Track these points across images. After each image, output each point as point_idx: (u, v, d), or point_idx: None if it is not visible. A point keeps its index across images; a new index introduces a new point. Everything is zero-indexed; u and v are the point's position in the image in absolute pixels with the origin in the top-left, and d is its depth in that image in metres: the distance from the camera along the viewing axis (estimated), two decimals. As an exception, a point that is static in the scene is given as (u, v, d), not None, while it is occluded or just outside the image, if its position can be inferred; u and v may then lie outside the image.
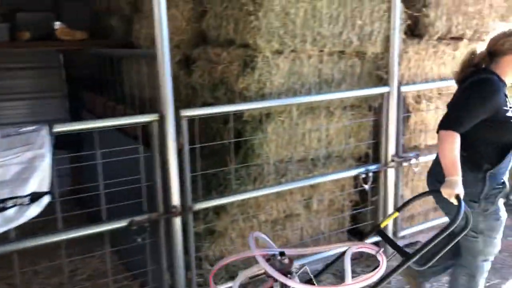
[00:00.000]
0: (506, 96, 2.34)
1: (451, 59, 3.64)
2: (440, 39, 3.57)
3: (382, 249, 2.05)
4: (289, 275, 1.88)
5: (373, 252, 2.07)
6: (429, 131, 3.67)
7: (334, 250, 2.54)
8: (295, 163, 3.27)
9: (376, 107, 3.44)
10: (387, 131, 3.36)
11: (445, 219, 3.65)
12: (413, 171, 3.61)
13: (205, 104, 3.17)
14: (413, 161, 3.46)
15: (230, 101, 2.92)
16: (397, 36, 3.22)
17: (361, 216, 3.63)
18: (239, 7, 2.87)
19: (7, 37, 3.72)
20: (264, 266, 1.87)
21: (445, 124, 2.23)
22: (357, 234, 3.63)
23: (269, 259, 1.94)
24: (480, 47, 2.40)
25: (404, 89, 3.35)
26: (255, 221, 3.12)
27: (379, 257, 2.00)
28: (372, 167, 3.38)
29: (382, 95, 3.31)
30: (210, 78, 3.09)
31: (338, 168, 3.37)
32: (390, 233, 3.52)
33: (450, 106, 2.37)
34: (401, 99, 3.37)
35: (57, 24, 3.97)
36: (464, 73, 2.38)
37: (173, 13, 3.26)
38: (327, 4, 2.93)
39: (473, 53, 2.39)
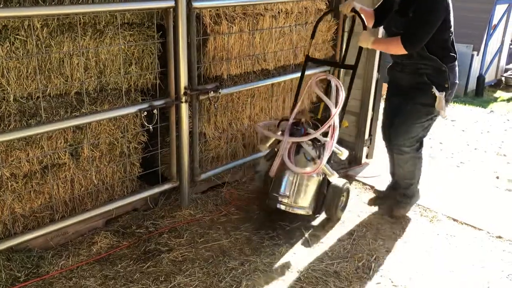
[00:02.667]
0: None
1: (257, -28, 3.06)
2: None
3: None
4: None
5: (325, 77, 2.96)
6: (233, 58, 3.13)
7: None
8: (52, 98, 2.48)
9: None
10: (176, 57, 2.71)
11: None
12: (214, 106, 3.08)
13: None
14: (212, 94, 2.91)
15: None
16: None
17: (156, 159, 3.04)
18: None
19: None
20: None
21: (403, 39, 2.64)
22: (153, 180, 3.06)
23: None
24: None
25: (196, 4, 2.70)
26: (-7, 177, 2.31)
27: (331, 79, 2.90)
28: (159, 102, 2.75)
29: (167, 10, 2.62)
30: None
31: (116, 104, 2.68)
32: (187, 175, 3.01)
33: (410, 20, 2.65)
34: (193, 17, 2.73)
35: None
36: None
37: None
38: None
39: None
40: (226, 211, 3.07)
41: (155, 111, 2.72)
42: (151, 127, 2.74)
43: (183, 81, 2.77)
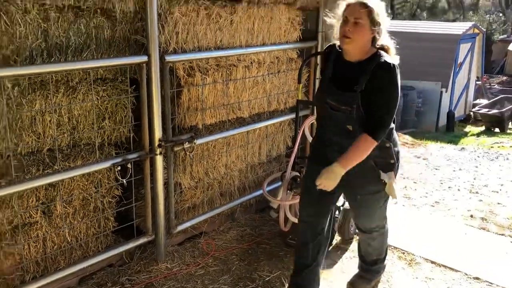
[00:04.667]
0: None
1: (228, 24, 3.15)
2: None
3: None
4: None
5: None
6: (208, 108, 3.16)
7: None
8: (24, 156, 2.44)
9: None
10: (150, 110, 2.73)
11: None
12: (190, 156, 3.08)
13: None
14: (187, 144, 2.91)
15: None
16: (154, -8, 2.56)
17: (131, 212, 2.99)
18: None
19: None
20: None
21: (373, 132, 2.16)
22: (127, 234, 3.00)
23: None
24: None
25: (169, 58, 2.74)
26: (-41, 241, 2.23)
27: None
28: (132, 156, 2.73)
29: (140, 65, 2.65)
30: None
31: (89, 159, 2.65)
32: (162, 228, 2.96)
33: (373, 105, 2.17)
34: (167, 70, 2.76)
35: None
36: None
37: None
38: None
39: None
40: (203, 263, 3.02)
41: (129, 164, 2.70)
42: (125, 181, 2.71)
43: (157, 133, 2.77)
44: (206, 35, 3.03)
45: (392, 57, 2.21)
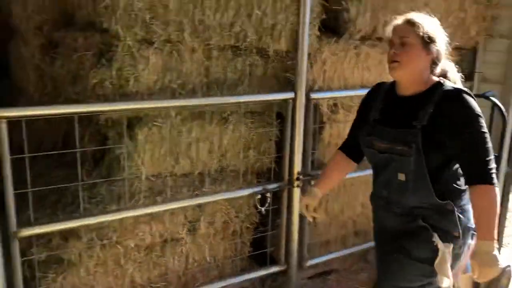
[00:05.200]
0: None
1: (377, 64, 3.14)
2: (364, 39, 3.06)
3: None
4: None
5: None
6: (348, 145, 3.16)
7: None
8: (178, 178, 2.72)
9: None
10: (292, 144, 2.83)
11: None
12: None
13: (68, 100, 2.58)
14: (325, 180, 2.94)
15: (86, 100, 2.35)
16: (307, 32, 2.69)
17: (266, 240, 3.10)
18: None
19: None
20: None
21: (491, 178, 1.66)
22: (260, 261, 3.11)
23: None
24: None
25: (314, 95, 2.83)
26: (120, 247, 2.55)
27: None
28: (272, 186, 2.85)
29: (286, 101, 2.78)
30: (69, 69, 2.50)
31: (234, 185, 2.84)
32: (295, 260, 3.01)
33: (474, 149, 1.69)
34: (311, 107, 2.85)
35: None
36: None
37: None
38: (212, -14, 2.39)
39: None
40: (332, 301, 2.98)
41: (268, 194, 2.82)
42: (263, 209, 2.84)
43: (297, 166, 2.86)
44: (353, 74, 3.06)
45: (457, 84, 1.81)
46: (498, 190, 1.69)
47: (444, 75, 1.83)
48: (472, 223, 1.80)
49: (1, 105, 2.00)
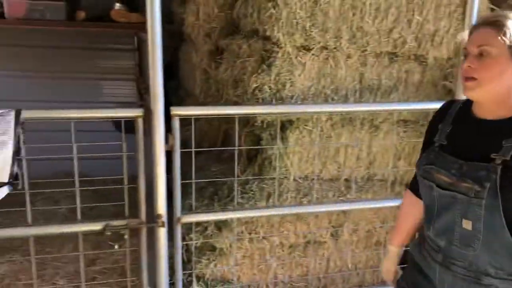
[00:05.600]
0: None
1: None
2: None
3: None
4: None
5: None
6: None
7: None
8: (324, 182, 2.76)
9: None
10: (447, 156, 2.67)
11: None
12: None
13: (229, 102, 2.80)
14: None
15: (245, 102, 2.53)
16: (472, 39, 2.51)
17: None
18: (263, -8, 2.45)
19: (64, 16, 3.69)
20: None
21: None
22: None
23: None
24: None
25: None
26: (266, 242, 2.68)
27: None
28: (422, 199, 2.72)
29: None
30: (232, 73, 2.71)
31: (380, 195, 2.78)
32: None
33: None
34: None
35: (118, 6, 3.85)
36: None
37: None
38: (373, -8, 2.38)
39: None
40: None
41: (417, 207, 2.69)
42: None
43: (452, 181, 2.68)
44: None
45: None
46: None
47: None
48: None
49: (173, 105, 2.27)
